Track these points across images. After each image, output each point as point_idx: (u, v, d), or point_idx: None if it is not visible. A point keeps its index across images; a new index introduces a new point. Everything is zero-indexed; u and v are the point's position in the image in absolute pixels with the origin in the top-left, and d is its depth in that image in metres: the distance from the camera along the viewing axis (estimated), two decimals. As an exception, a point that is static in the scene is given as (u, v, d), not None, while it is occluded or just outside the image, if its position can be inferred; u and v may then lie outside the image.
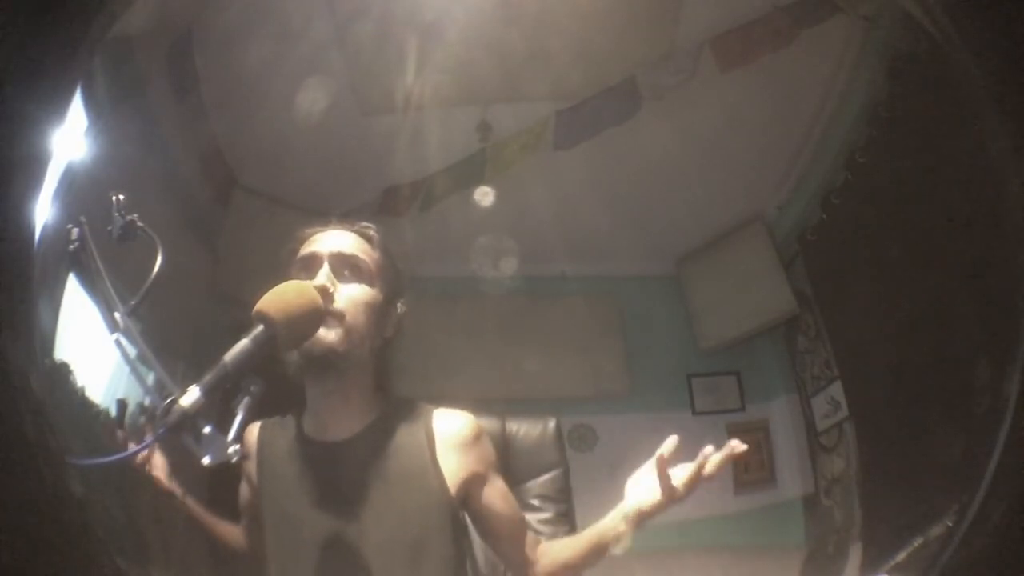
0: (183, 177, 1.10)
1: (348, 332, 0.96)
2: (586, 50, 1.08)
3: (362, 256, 0.99)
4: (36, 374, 0.90)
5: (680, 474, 0.95)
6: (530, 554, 1.00)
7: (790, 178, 1.08)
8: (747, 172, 1.11)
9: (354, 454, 0.98)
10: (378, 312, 0.99)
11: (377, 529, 0.95)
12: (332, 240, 0.99)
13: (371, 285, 0.99)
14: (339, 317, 0.95)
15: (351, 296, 0.97)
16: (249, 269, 1.04)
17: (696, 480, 0.94)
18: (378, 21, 1.07)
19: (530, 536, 1.01)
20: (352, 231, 1.01)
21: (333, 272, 0.97)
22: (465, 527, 1.00)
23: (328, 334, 0.94)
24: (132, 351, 0.89)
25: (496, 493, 1.00)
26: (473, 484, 0.98)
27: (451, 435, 0.99)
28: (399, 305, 1.01)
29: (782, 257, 1.07)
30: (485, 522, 1.00)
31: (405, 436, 0.98)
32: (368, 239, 1.01)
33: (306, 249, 0.99)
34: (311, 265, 0.98)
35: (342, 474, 0.98)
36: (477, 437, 1.00)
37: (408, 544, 0.95)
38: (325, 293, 0.94)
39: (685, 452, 0.97)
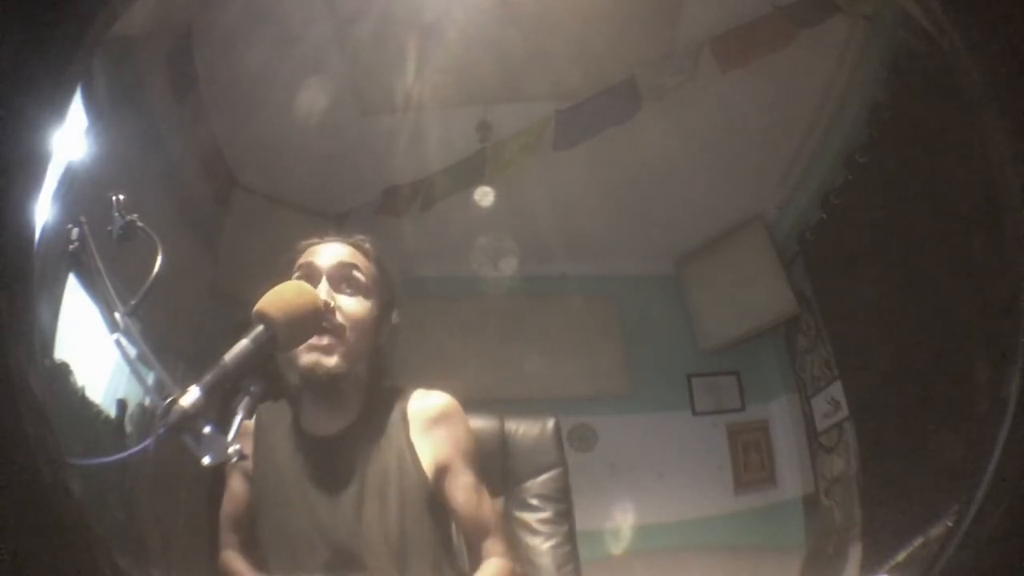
0: (183, 177, 1.10)
1: (348, 352, 0.97)
2: (586, 50, 1.08)
3: (359, 269, 1.00)
4: (36, 374, 0.89)
5: None
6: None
7: (790, 178, 1.08)
8: (747, 172, 1.11)
9: (343, 446, 0.99)
10: (375, 324, 1.00)
11: (364, 516, 0.96)
12: (330, 253, 1.00)
13: (367, 298, 0.99)
14: (339, 333, 0.96)
15: (350, 311, 0.98)
16: (249, 269, 1.04)
17: None
18: (378, 21, 1.07)
19: (493, 545, 0.98)
20: (348, 243, 1.01)
21: (332, 286, 0.98)
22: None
23: (328, 359, 0.96)
24: (132, 351, 0.90)
25: (458, 487, 0.98)
26: (440, 470, 0.97)
27: (422, 414, 0.99)
28: (393, 316, 1.01)
29: (782, 257, 1.07)
30: (450, 513, 0.98)
31: (385, 421, 0.99)
32: (364, 252, 1.01)
33: (304, 260, 1.00)
34: (309, 277, 0.98)
35: (332, 466, 0.99)
36: (447, 416, 0.99)
37: (392, 528, 0.96)
38: (326, 308, 0.96)
39: (685, 452, 0.97)
